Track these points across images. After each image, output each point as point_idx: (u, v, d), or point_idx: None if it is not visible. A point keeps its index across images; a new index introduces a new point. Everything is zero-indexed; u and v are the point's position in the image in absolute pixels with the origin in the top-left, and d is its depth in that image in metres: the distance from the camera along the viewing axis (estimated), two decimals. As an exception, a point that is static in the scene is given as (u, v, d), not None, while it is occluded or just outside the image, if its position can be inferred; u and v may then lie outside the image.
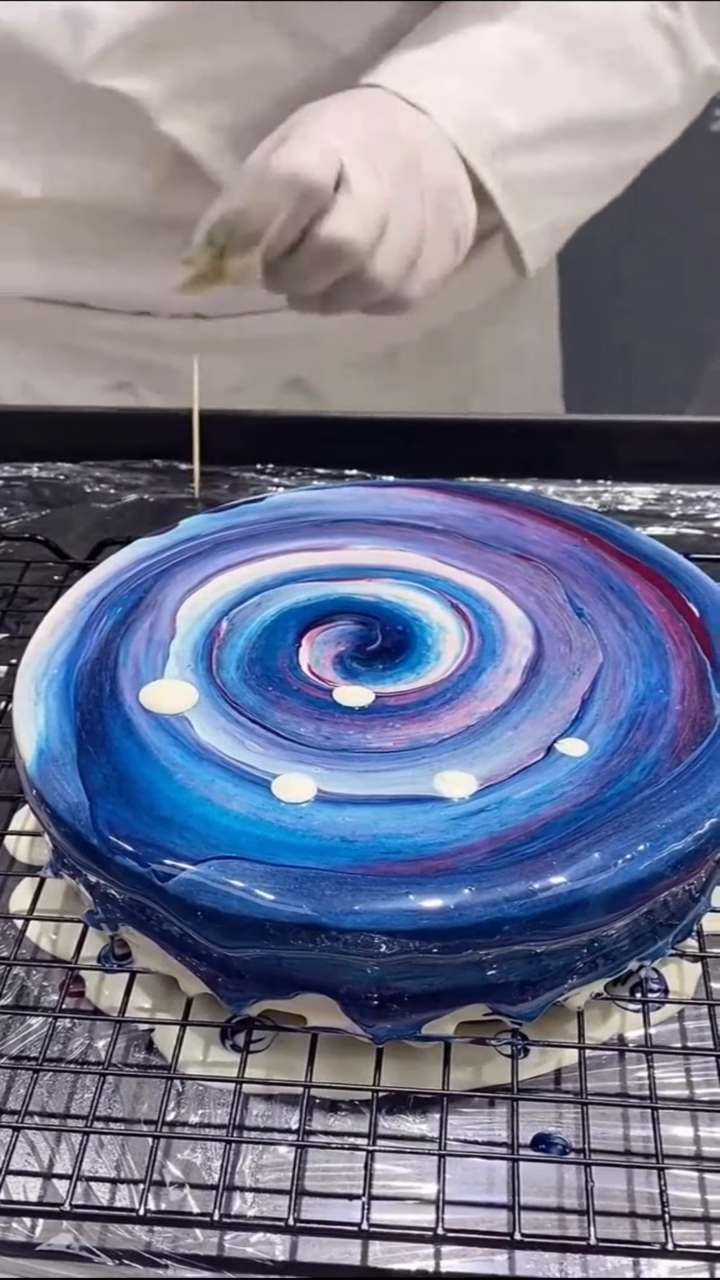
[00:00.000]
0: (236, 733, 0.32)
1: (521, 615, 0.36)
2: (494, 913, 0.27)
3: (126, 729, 0.32)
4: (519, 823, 0.29)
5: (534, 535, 0.39)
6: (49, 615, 0.37)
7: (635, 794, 0.30)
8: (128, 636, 0.35)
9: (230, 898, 0.28)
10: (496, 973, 0.29)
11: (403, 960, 0.28)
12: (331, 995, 0.29)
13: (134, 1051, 0.32)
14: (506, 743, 0.31)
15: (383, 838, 0.29)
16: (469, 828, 0.29)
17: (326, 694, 0.34)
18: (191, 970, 0.30)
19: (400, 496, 0.41)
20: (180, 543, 0.39)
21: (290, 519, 0.40)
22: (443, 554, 0.38)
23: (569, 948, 0.29)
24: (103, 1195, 0.29)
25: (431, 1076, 0.30)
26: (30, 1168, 0.29)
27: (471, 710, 0.33)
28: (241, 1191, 0.29)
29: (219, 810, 0.30)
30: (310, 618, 0.36)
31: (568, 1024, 0.31)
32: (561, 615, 0.36)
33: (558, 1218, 0.28)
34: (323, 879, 0.28)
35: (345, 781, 0.30)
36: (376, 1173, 0.28)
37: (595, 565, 0.37)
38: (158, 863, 0.29)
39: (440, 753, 0.31)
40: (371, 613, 0.36)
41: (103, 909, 0.31)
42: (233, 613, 0.36)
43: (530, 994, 0.29)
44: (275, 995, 0.29)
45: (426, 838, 0.29)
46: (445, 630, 0.35)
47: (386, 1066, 0.30)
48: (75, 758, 0.31)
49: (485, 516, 0.40)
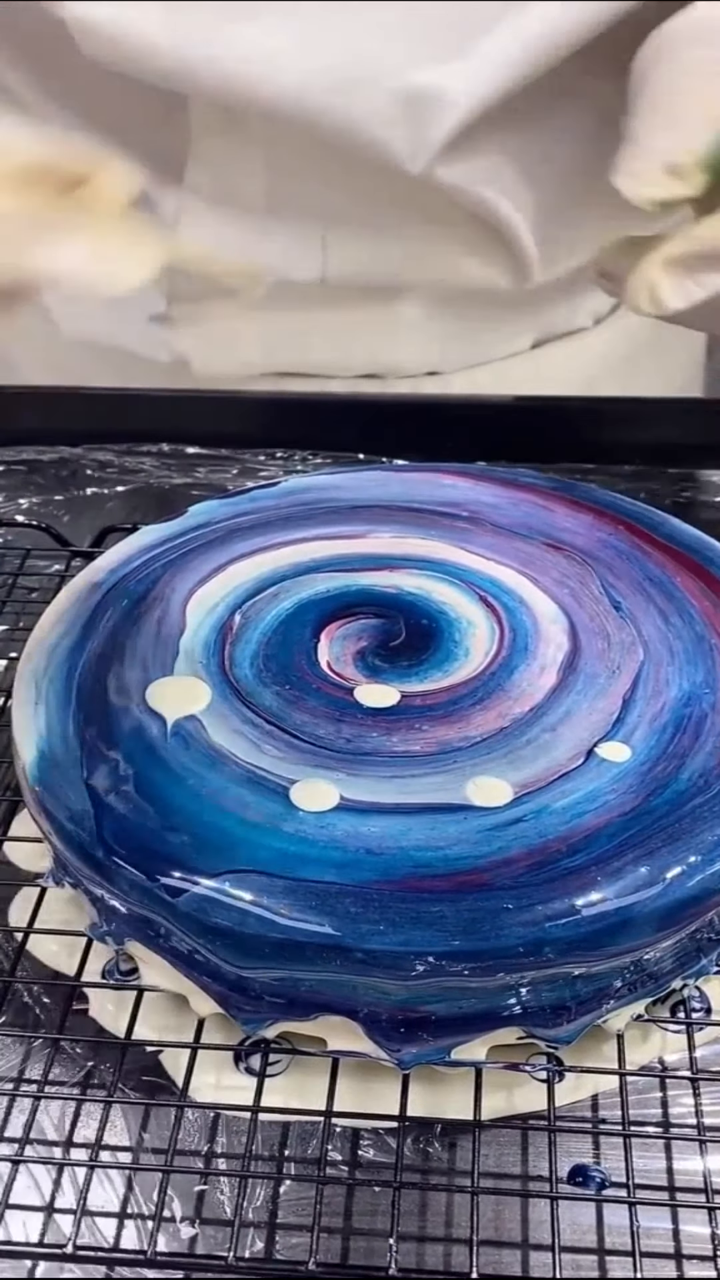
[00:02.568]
0: (252, 735, 0.30)
1: (555, 609, 0.34)
2: (535, 933, 0.26)
3: (133, 731, 0.30)
4: (559, 834, 0.27)
5: (566, 523, 0.37)
6: (50, 608, 0.35)
7: (684, 803, 0.28)
8: (134, 631, 0.33)
9: (246, 915, 0.26)
10: (533, 995, 0.27)
11: (433, 983, 0.26)
12: (354, 1018, 0.27)
13: (142, 1075, 0.30)
14: (543, 746, 0.30)
15: (411, 850, 0.27)
16: (505, 839, 0.27)
17: (348, 693, 0.32)
18: (203, 989, 0.28)
19: (423, 481, 0.39)
20: (190, 530, 0.37)
21: (306, 505, 0.38)
22: (469, 543, 0.36)
23: (612, 969, 0.27)
24: (108, 1231, 0.27)
25: (460, 1102, 0.28)
26: (31, 1201, 0.28)
27: (504, 711, 0.31)
28: (257, 1228, 0.27)
29: (234, 819, 0.28)
30: (329, 611, 0.34)
31: (604, 1045, 0.30)
32: (598, 609, 0.34)
33: (595, 1259, 0.27)
34: (346, 895, 0.26)
35: (369, 788, 0.29)
36: (403, 1208, 0.27)
37: (632, 555, 0.36)
38: (167, 876, 0.27)
39: (472, 757, 0.29)
40: (394, 606, 0.34)
41: (107, 923, 0.29)
42: (246, 605, 0.34)
43: (568, 1016, 0.28)
44: (293, 1017, 0.28)
45: (459, 850, 0.27)
46: (474, 625, 0.34)
47: (413, 1091, 0.28)
48: (79, 761, 0.29)
49: (513, 503, 0.38)
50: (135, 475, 0.50)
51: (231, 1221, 0.26)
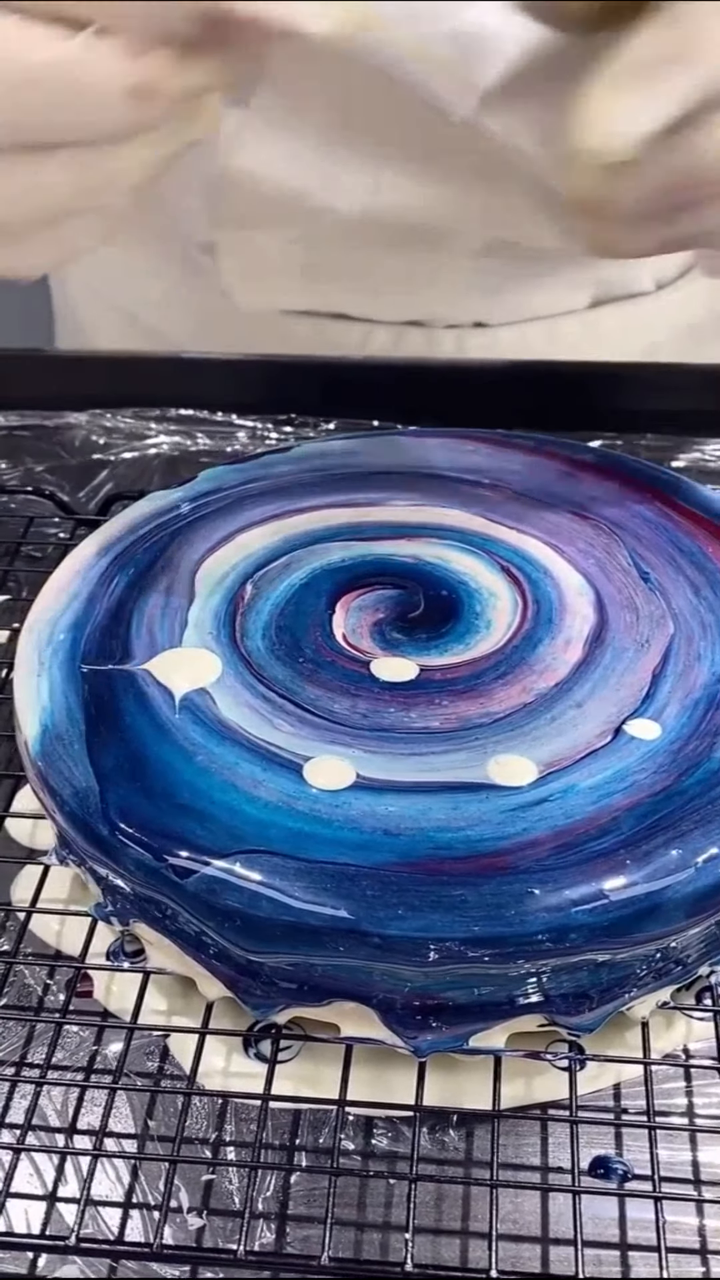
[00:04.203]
0: (264, 709, 0.29)
1: (581, 580, 0.33)
2: (561, 919, 0.25)
3: (140, 704, 0.29)
4: (587, 814, 0.26)
5: (592, 491, 0.36)
6: (54, 576, 0.34)
7: (717, 783, 0.27)
8: (141, 600, 0.32)
9: (257, 898, 0.25)
10: (555, 982, 0.26)
11: (453, 970, 0.25)
12: (369, 1004, 0.26)
13: (148, 1059, 0.29)
14: (569, 723, 0.28)
15: (431, 831, 0.26)
16: (530, 820, 0.26)
17: (364, 666, 0.31)
18: (211, 972, 0.27)
19: (442, 447, 0.38)
20: (199, 496, 0.36)
21: (321, 471, 0.37)
22: (491, 511, 0.35)
23: (638, 955, 0.26)
24: (112, 1221, 0.27)
25: (478, 1091, 0.27)
26: (33, 1190, 0.27)
27: (528, 686, 0.30)
28: (267, 1220, 0.26)
29: (244, 797, 0.27)
30: (345, 581, 0.33)
31: (626, 1032, 0.29)
32: (626, 580, 0.33)
33: (618, 1254, 0.26)
34: (363, 878, 0.25)
35: (387, 766, 0.28)
36: (419, 1199, 0.26)
37: (662, 524, 0.34)
38: (175, 857, 0.26)
39: (494, 734, 0.28)
40: (413, 576, 0.33)
41: (112, 903, 0.28)
42: (258, 575, 0.33)
43: (591, 1004, 0.27)
44: (305, 1002, 0.27)
45: (481, 831, 0.26)
46: (496, 596, 0.33)
47: (429, 1078, 0.27)
48: (83, 736, 0.29)
49: (537, 470, 0.37)
50: (142, 441, 0.49)
51: (241, 1213, 0.26)
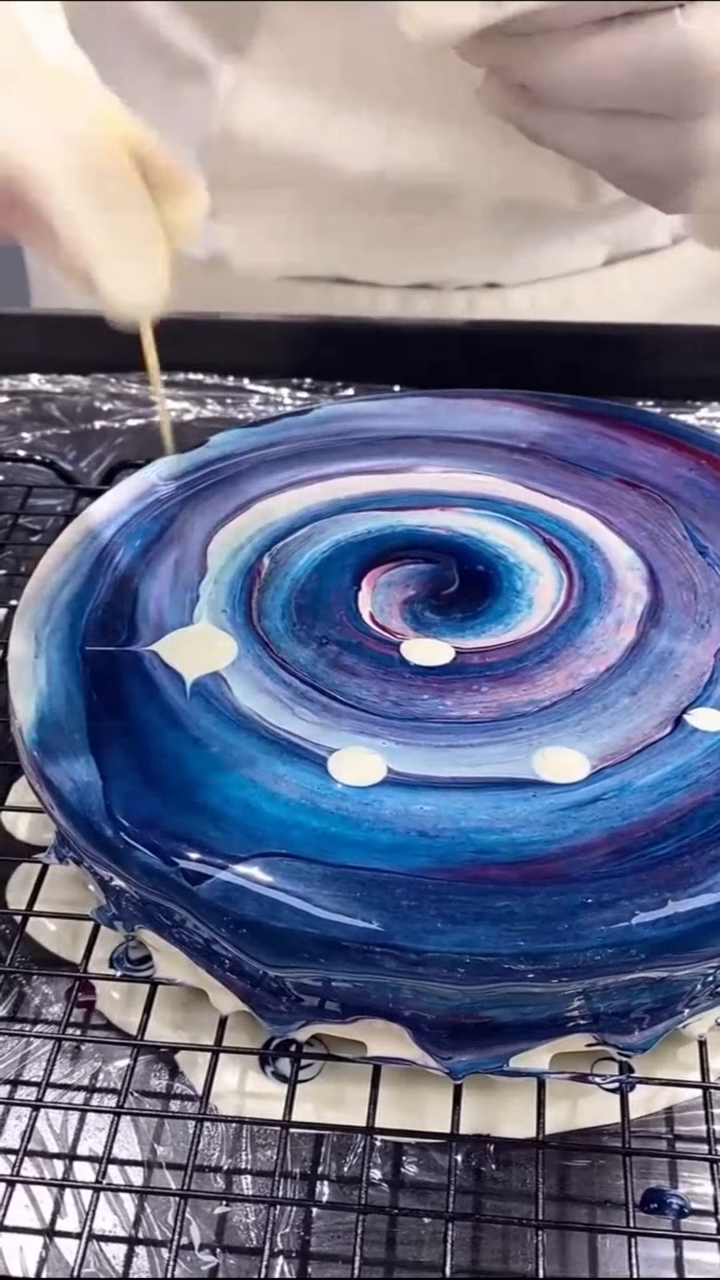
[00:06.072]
0: (284, 696, 0.28)
1: (632, 554, 0.31)
2: (619, 933, 0.23)
3: (148, 690, 0.28)
4: (646, 815, 0.24)
5: (641, 457, 0.34)
6: (52, 549, 0.32)
7: (791, 781, 0.25)
8: (148, 575, 0.31)
9: (278, 907, 0.24)
10: (606, 999, 0.24)
11: (496, 988, 0.23)
12: (400, 1021, 0.24)
13: (155, 1078, 0.27)
14: (623, 712, 0.27)
15: (472, 833, 0.24)
16: (582, 821, 0.24)
17: (394, 649, 0.29)
18: (225, 985, 0.25)
19: (474, 409, 0.36)
20: (211, 462, 0.35)
21: (342, 435, 0.35)
22: (531, 478, 0.33)
23: (699, 971, 0.24)
24: (117, 1259, 0.25)
25: (518, 1115, 0.25)
26: (29, 1224, 0.25)
27: (575, 671, 0.28)
28: (288, 1258, 0.25)
29: (263, 794, 0.25)
30: (371, 554, 0.32)
31: (680, 1052, 0.27)
32: (682, 555, 0.31)
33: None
34: (397, 885, 0.23)
35: (421, 759, 0.26)
36: (454, 1236, 0.24)
37: (719, 494, 0.33)
38: (186, 860, 0.24)
39: (540, 724, 0.27)
40: (445, 549, 0.32)
41: (115, 906, 0.27)
42: (276, 548, 0.32)
43: (644, 1022, 0.25)
44: (329, 1019, 0.25)
45: (528, 834, 0.24)
46: (538, 571, 0.31)
47: (465, 1102, 0.25)
48: (84, 725, 0.27)
49: (580, 434, 0.35)
50: (149, 408, 0.47)
51: (259, 1250, 0.24)
